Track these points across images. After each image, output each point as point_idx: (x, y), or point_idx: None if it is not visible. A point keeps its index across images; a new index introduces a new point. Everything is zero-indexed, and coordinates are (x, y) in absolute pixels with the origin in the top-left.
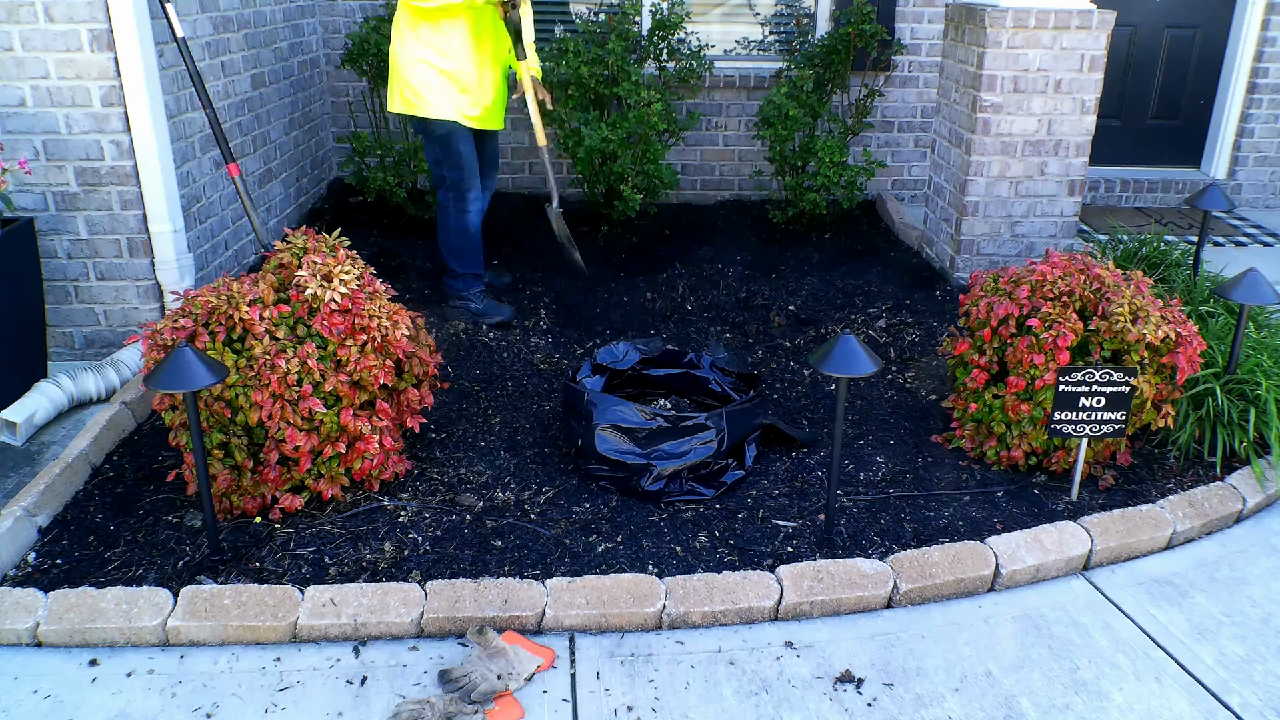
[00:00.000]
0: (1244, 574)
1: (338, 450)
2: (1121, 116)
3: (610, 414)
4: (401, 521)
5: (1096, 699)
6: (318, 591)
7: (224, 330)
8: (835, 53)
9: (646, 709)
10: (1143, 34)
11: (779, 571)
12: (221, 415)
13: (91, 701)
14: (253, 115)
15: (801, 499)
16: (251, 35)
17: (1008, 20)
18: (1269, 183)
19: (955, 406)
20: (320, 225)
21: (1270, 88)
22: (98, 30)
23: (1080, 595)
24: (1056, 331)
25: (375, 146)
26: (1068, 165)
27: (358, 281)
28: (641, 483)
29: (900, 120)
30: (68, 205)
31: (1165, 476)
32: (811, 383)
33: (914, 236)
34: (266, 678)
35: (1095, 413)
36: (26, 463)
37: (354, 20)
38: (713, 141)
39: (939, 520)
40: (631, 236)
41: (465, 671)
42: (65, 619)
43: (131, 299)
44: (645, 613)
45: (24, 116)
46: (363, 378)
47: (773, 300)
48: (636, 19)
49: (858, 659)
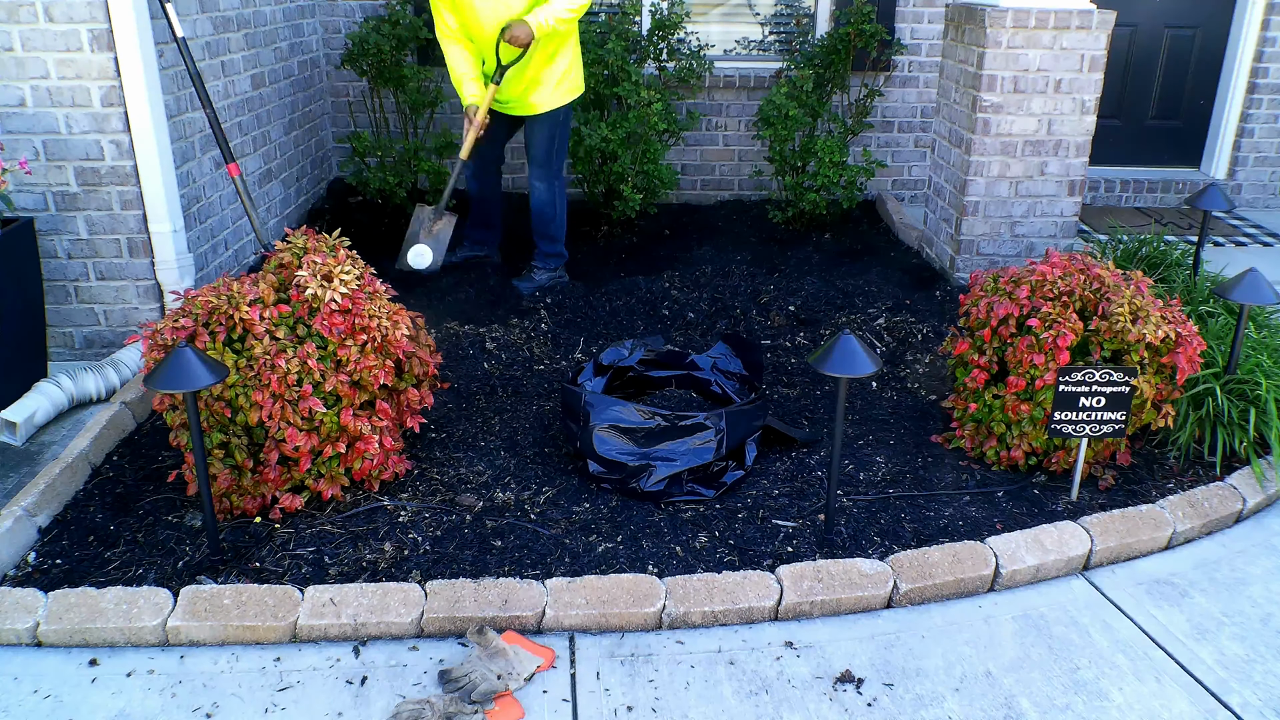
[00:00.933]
0: (1244, 574)
1: (338, 450)
2: (1121, 116)
3: (608, 414)
4: (401, 521)
5: (1096, 699)
6: (318, 591)
7: (224, 330)
8: (835, 52)
9: (646, 709)
10: (1143, 34)
11: (779, 571)
12: (221, 415)
13: (91, 701)
14: (253, 115)
15: (801, 499)
16: (251, 35)
17: (1008, 20)
18: (1269, 183)
19: (955, 406)
20: (320, 225)
21: (1270, 88)
22: (98, 30)
23: (1080, 595)
24: (1056, 331)
25: (375, 146)
26: (1068, 165)
27: (358, 281)
28: (641, 484)
29: (900, 120)
30: (68, 205)
31: (1165, 476)
32: (811, 383)
33: (914, 236)
34: (266, 678)
35: (1095, 413)
36: (26, 463)
37: (354, 20)
38: (713, 141)
39: (939, 520)
40: (631, 236)
41: (465, 671)
42: (65, 619)
43: (131, 299)
44: (645, 613)
45: (24, 116)
46: (363, 378)
47: (773, 300)
48: (636, 19)
49: (858, 659)
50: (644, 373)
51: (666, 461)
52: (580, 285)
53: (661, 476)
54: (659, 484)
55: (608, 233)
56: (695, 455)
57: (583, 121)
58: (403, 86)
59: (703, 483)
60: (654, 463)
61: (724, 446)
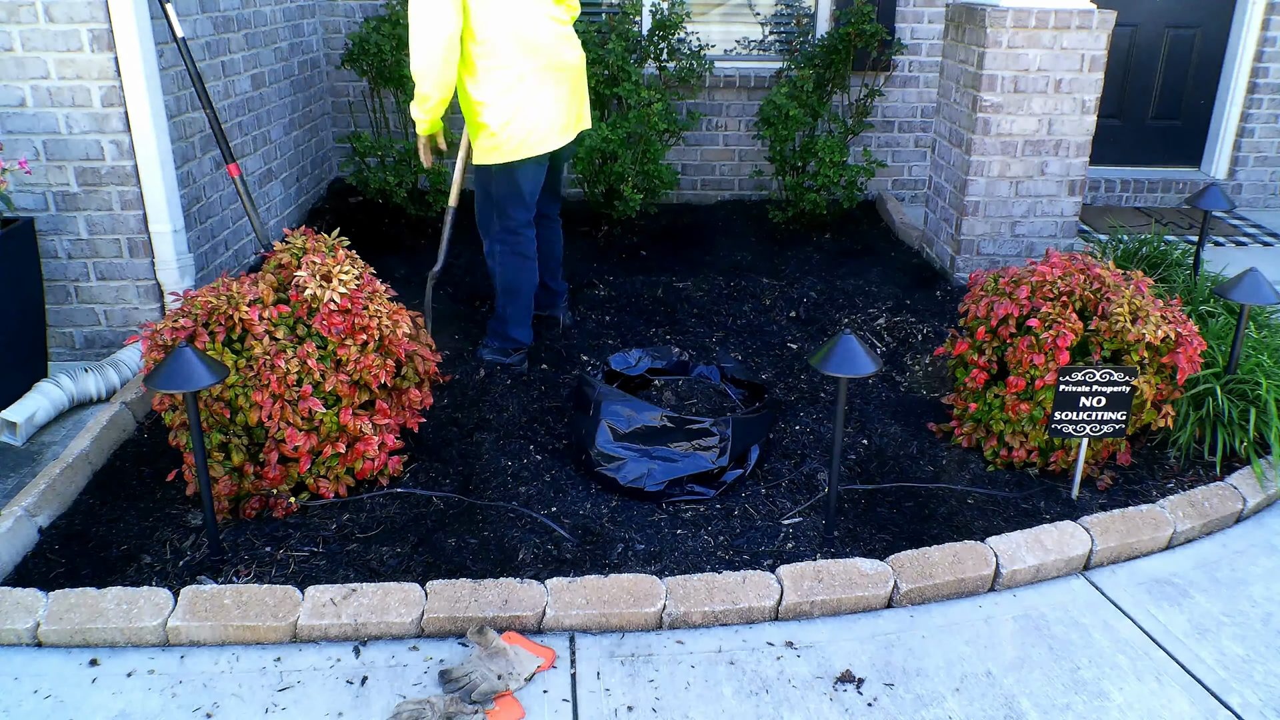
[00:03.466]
0: (1244, 574)
1: (337, 450)
2: (1122, 116)
3: (615, 409)
4: (402, 521)
5: (1097, 699)
6: (318, 591)
7: (224, 330)
8: (835, 52)
9: (647, 709)
10: (1143, 34)
11: (779, 571)
12: (221, 415)
13: (92, 701)
14: (253, 115)
15: (801, 499)
16: (251, 35)
17: (1008, 20)
18: (1269, 183)
19: (955, 406)
20: (320, 225)
21: (1270, 88)
22: (98, 30)
23: (1080, 595)
24: (1056, 331)
25: (375, 147)
26: (1068, 165)
27: (357, 281)
28: (645, 485)
29: (900, 120)
30: (68, 205)
31: (1165, 476)
32: (811, 383)
33: (914, 236)
34: (267, 678)
35: (1095, 413)
36: (27, 463)
37: (354, 20)
38: (713, 141)
39: (939, 520)
40: (631, 236)
41: (465, 671)
42: (66, 619)
43: (131, 299)
44: (645, 613)
45: (24, 116)
46: (362, 377)
47: (773, 300)
48: (636, 19)
49: (858, 659)
50: (653, 381)
51: (668, 462)
52: (581, 286)
53: (659, 480)
54: (659, 485)
55: (608, 233)
56: (697, 461)
57: None
58: (403, 86)
59: (703, 482)
60: (656, 462)
61: (728, 453)
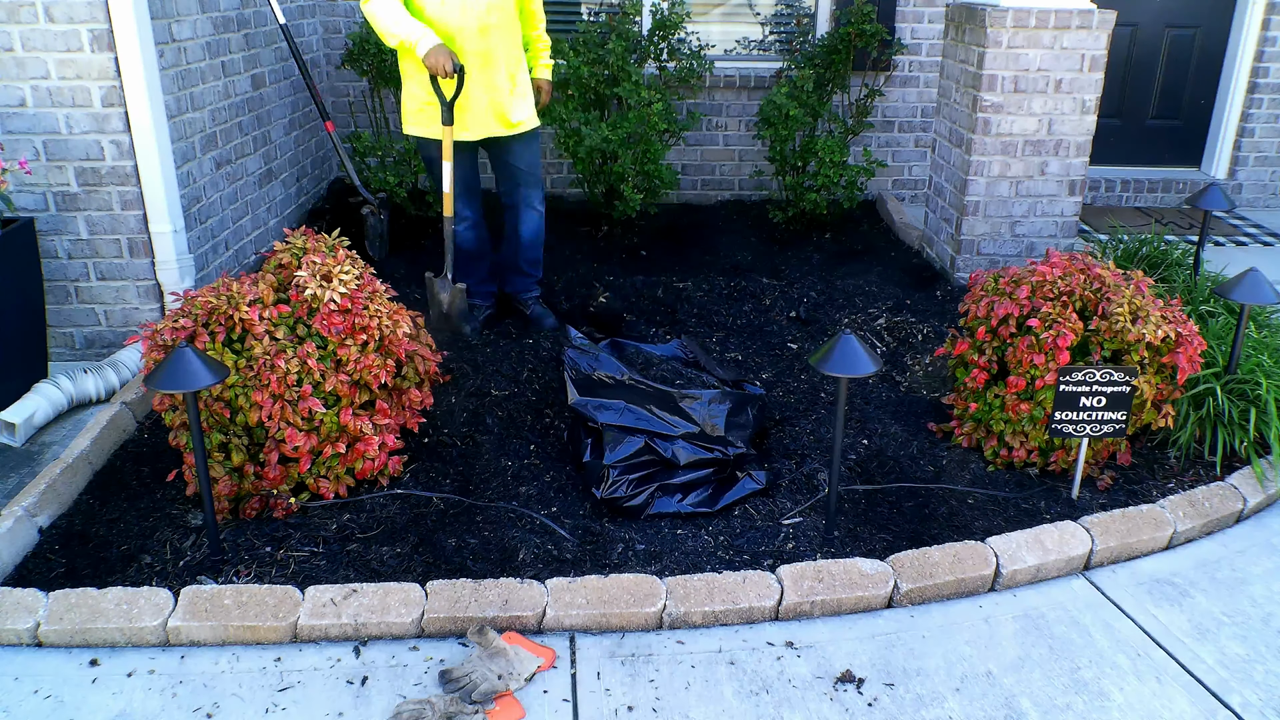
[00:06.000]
0: (1245, 574)
1: (338, 450)
2: (1122, 116)
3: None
4: (402, 521)
5: (1097, 699)
6: (318, 591)
7: (224, 330)
8: (835, 52)
9: (647, 709)
10: (1143, 34)
11: (779, 571)
12: (221, 415)
13: (92, 702)
14: (253, 115)
15: (802, 499)
16: (251, 35)
17: (1008, 20)
18: (1269, 182)
19: (955, 406)
20: (321, 225)
21: (1271, 87)
22: (98, 30)
23: (1081, 595)
24: (1057, 331)
25: (376, 146)
26: (1068, 165)
27: (357, 281)
28: (642, 509)
29: (900, 120)
30: (68, 205)
31: (1166, 476)
32: (812, 383)
33: (914, 236)
34: (267, 678)
35: (1095, 412)
36: (27, 463)
37: (354, 20)
38: (713, 141)
39: (939, 520)
40: (631, 236)
41: (466, 671)
42: (66, 619)
43: (132, 299)
44: (646, 613)
45: (24, 116)
46: (363, 377)
47: (773, 300)
48: (637, 19)
49: (858, 659)
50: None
51: (665, 439)
52: (581, 286)
53: (658, 488)
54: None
55: (608, 233)
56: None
57: (583, 122)
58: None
59: (705, 503)
60: (656, 442)
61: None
